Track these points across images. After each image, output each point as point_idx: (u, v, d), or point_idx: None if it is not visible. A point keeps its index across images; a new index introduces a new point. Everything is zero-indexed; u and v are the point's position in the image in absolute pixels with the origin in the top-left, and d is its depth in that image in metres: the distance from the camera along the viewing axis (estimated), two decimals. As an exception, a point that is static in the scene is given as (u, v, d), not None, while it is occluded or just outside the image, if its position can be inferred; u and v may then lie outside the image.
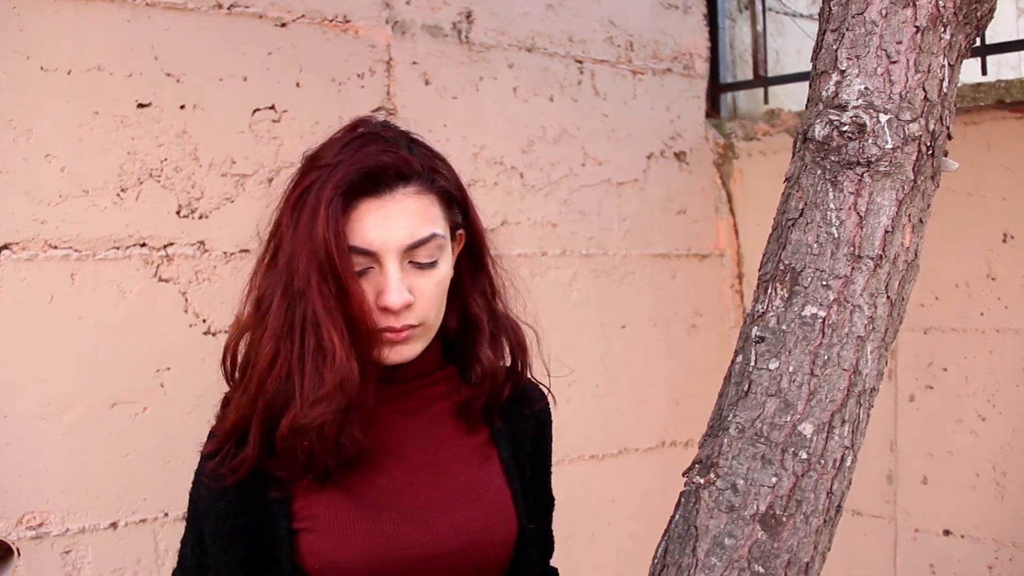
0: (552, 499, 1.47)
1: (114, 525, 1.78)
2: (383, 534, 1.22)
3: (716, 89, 2.75)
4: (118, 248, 1.80)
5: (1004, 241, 2.26)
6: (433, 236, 1.22)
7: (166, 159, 1.85)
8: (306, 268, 1.16)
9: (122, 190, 1.80)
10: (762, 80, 2.75)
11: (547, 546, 1.47)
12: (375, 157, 1.20)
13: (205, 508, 1.24)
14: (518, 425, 1.37)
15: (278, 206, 1.25)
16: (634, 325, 2.53)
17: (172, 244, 1.86)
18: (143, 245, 1.82)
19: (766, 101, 2.72)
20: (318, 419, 1.15)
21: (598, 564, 2.45)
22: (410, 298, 1.19)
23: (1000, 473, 2.26)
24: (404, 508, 1.24)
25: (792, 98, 2.75)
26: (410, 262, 1.21)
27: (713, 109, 2.75)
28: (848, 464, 1.11)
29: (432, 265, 1.23)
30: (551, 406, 1.45)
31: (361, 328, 1.18)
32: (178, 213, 1.86)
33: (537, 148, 2.37)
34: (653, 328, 2.56)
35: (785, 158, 1.23)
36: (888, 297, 1.13)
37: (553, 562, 1.46)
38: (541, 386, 1.42)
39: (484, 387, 1.30)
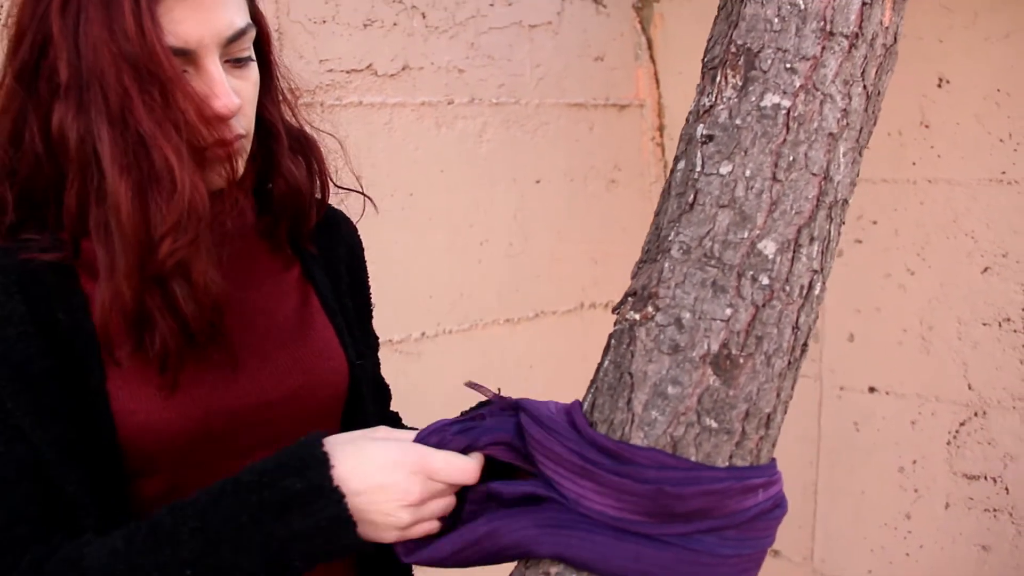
0: (376, 338, 1.25)
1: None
2: (202, 387, 0.95)
3: (635, -74, 2.44)
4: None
5: (939, 86, 2.04)
6: (249, 26, 0.95)
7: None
8: (117, 79, 0.85)
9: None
10: (684, -83, 2.44)
11: (380, 389, 1.26)
12: None
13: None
14: (331, 253, 1.14)
15: (29, 11, 0.91)
16: (549, 180, 2.25)
17: None
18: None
19: (688, -60, 2.42)
20: (168, 259, 0.87)
21: (514, 434, 2.25)
22: (239, 100, 0.92)
23: (927, 328, 2.10)
24: (222, 355, 0.97)
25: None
26: (226, 60, 0.93)
27: (632, -53, 2.44)
28: (817, 292, 0.85)
29: (249, 60, 0.96)
30: (362, 216, 1.23)
31: (196, 143, 0.88)
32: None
33: (440, -16, 2.04)
34: (569, 183, 2.29)
35: (711, 2, 0.95)
36: (864, 87, 0.86)
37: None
38: (365, 197, 1.20)
39: (287, 205, 1.06)
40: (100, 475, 0.91)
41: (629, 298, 0.86)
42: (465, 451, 0.89)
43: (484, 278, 2.16)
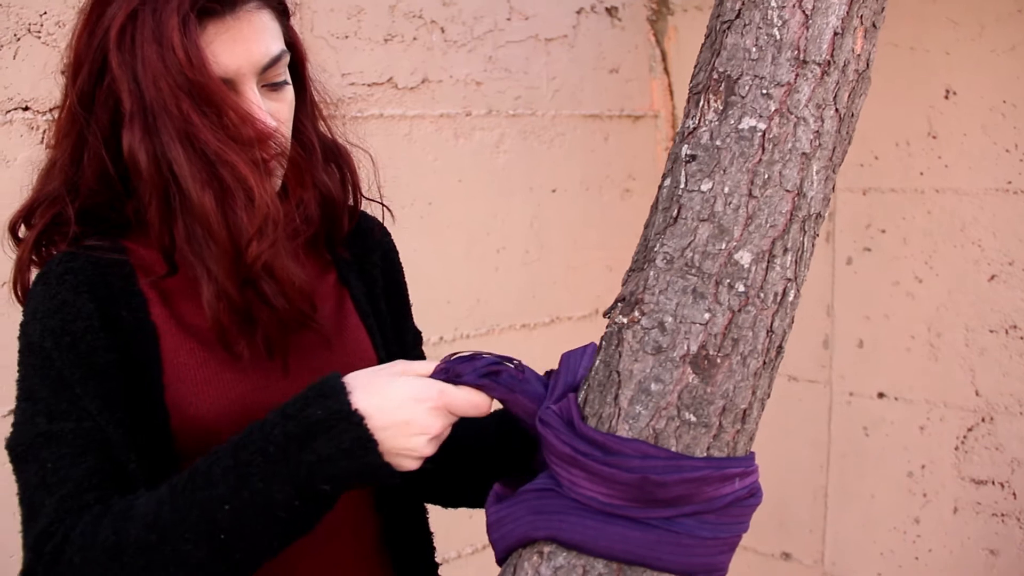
0: (418, 333, 1.32)
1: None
2: (247, 383, 1.05)
3: (650, -58, 2.52)
4: (-4, 110, 1.57)
5: (946, 97, 2.10)
6: (283, 52, 1.04)
7: (45, 12, 1.60)
8: (178, 107, 0.95)
9: (-6, 45, 1.56)
10: (698, -67, 2.52)
11: None
12: None
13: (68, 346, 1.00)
14: (365, 259, 1.23)
15: (85, 43, 1.01)
16: (565, 189, 2.34)
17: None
18: (26, 109, 1.59)
19: (702, -46, 2.50)
20: (255, 262, 0.97)
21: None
22: (275, 123, 1.02)
23: (935, 335, 2.16)
24: (315, 337, 1.09)
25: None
26: (263, 86, 1.03)
27: (647, -37, 2.52)
28: (791, 299, 0.94)
29: (284, 84, 1.06)
30: (391, 225, 1.31)
31: (256, 157, 0.99)
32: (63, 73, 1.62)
33: (459, 0, 2.13)
34: (585, 192, 2.38)
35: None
36: (836, 110, 0.95)
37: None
38: (384, 207, 1.28)
39: (321, 213, 1.14)
40: (157, 459, 1.01)
41: (618, 303, 0.95)
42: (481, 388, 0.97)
43: (501, 285, 2.25)
